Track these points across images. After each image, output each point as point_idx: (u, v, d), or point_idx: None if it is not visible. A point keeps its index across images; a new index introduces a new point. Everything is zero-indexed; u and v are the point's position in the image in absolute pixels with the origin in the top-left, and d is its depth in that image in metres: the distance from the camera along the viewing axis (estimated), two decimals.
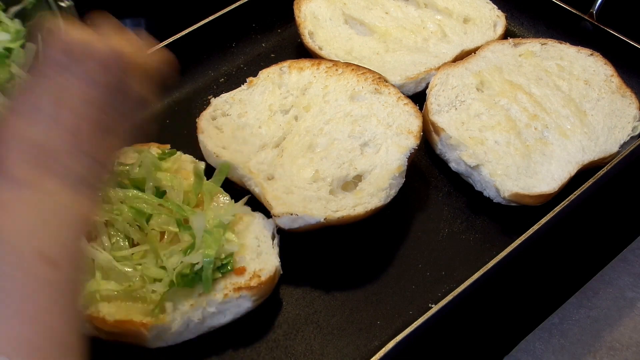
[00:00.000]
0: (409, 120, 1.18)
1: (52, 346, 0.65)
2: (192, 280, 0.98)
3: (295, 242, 1.09)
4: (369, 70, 1.25)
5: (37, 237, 0.68)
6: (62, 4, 1.02)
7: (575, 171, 1.15)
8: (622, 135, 1.20)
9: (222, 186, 1.09)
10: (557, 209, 1.09)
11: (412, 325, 0.97)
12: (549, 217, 1.08)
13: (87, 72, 0.76)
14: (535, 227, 1.07)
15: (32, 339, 0.64)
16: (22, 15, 1.11)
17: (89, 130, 0.75)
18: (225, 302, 0.99)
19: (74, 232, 0.71)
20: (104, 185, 0.78)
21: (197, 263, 0.98)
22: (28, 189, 0.70)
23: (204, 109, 1.23)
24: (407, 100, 1.20)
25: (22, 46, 1.10)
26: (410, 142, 1.15)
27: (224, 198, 1.09)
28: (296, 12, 1.39)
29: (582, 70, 1.29)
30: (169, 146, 1.15)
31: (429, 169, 1.22)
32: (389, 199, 1.10)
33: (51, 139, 0.73)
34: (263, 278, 1.01)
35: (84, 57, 0.76)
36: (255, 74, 1.27)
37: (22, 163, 0.71)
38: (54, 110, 0.74)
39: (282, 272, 1.05)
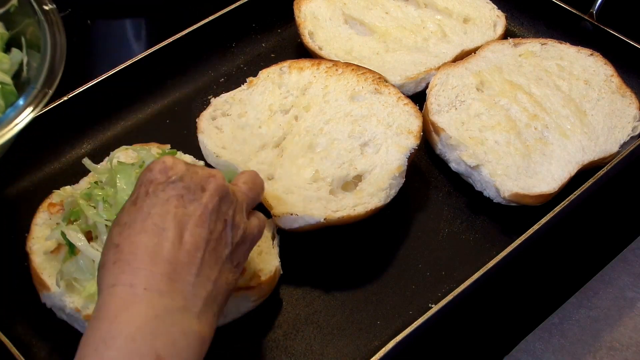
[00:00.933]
0: (409, 120, 1.18)
1: None
2: None
3: (295, 242, 1.09)
4: (369, 70, 1.25)
5: (157, 339, 0.71)
6: (46, 7, 1.01)
7: (575, 171, 1.15)
8: (622, 135, 1.20)
9: None
10: (557, 209, 1.09)
11: (412, 325, 0.97)
12: (549, 217, 1.08)
13: (199, 197, 0.80)
14: (535, 227, 1.07)
15: None
16: (5, 20, 1.09)
17: (210, 256, 0.79)
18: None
19: (190, 347, 0.74)
20: (220, 315, 0.82)
21: None
22: (155, 295, 0.74)
23: (204, 109, 1.23)
24: (407, 100, 1.20)
25: (6, 51, 1.07)
26: (410, 142, 1.15)
27: None
28: (296, 12, 1.39)
29: (582, 70, 1.29)
30: (169, 146, 1.15)
31: (429, 169, 1.22)
32: (389, 199, 1.10)
33: (179, 258, 0.77)
34: (263, 278, 1.01)
35: (193, 183, 0.81)
36: (255, 74, 1.27)
37: (150, 273, 0.75)
38: (179, 231, 0.78)
39: (282, 272, 1.05)
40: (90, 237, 0.97)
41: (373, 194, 1.09)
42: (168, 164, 0.81)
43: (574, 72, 1.28)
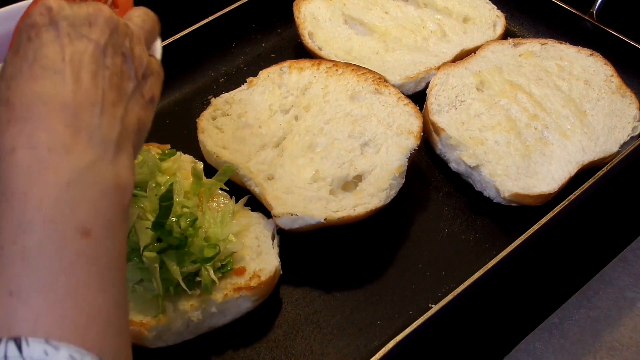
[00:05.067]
0: (409, 121, 1.18)
1: (95, 324, 0.62)
2: (192, 282, 0.98)
3: (295, 242, 1.09)
4: (369, 70, 1.25)
5: (78, 210, 0.64)
6: None
7: (575, 171, 1.15)
8: (622, 135, 1.20)
9: (222, 187, 1.09)
10: (557, 209, 1.09)
11: (412, 325, 0.97)
12: (549, 217, 1.08)
13: (87, 33, 0.72)
14: (535, 227, 1.07)
15: (75, 317, 0.61)
16: None
17: (112, 93, 0.72)
18: (225, 302, 0.99)
19: (112, 203, 0.68)
20: (135, 155, 0.75)
21: (197, 265, 0.98)
22: (61, 154, 0.66)
23: (204, 109, 1.23)
24: (407, 101, 1.20)
25: None
26: (411, 142, 1.15)
27: (224, 198, 1.09)
28: (295, 12, 1.39)
29: (582, 70, 1.29)
30: (169, 146, 1.15)
31: (429, 169, 1.22)
32: (389, 199, 1.10)
33: (78, 99, 0.69)
34: (263, 278, 1.01)
35: (79, 20, 0.73)
36: (255, 74, 1.27)
37: (51, 126, 0.67)
38: (72, 70, 0.70)
39: (282, 272, 1.05)
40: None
41: (373, 194, 1.09)
42: (47, 4, 0.72)
43: (574, 72, 1.28)
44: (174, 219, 0.98)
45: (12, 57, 0.71)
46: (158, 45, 0.87)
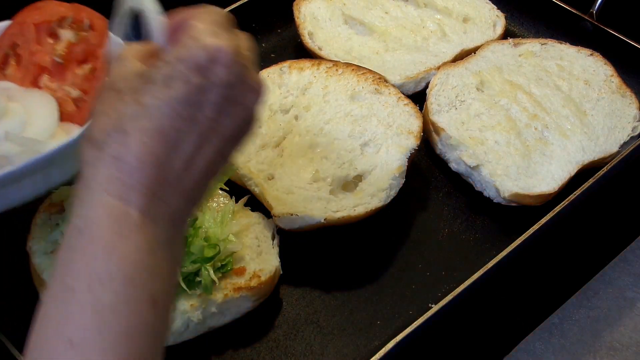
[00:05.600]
0: (409, 121, 1.18)
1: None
2: (192, 282, 0.98)
3: (295, 242, 1.09)
4: (369, 70, 1.25)
5: (153, 281, 0.63)
6: None
7: (575, 171, 1.15)
8: (622, 135, 1.20)
9: (222, 186, 1.09)
10: (557, 209, 1.09)
11: (412, 325, 0.97)
12: (549, 217, 1.08)
13: (233, 113, 0.67)
14: (535, 227, 1.07)
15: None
16: None
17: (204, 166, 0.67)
18: (225, 302, 0.99)
19: (173, 279, 0.67)
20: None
21: (197, 265, 0.98)
22: (151, 223, 0.63)
23: None
24: (407, 101, 1.20)
25: None
26: (411, 142, 1.15)
27: (224, 198, 1.09)
28: (295, 13, 1.39)
29: (582, 70, 1.29)
30: None
31: (429, 169, 1.22)
32: (389, 199, 1.10)
33: (184, 185, 0.66)
34: (263, 278, 1.01)
35: (238, 94, 0.67)
36: None
37: (151, 193, 0.63)
38: (198, 145, 0.66)
39: (282, 272, 1.05)
40: None
41: (373, 194, 1.09)
42: (229, 57, 0.65)
43: (574, 72, 1.28)
44: None
45: (162, 87, 0.65)
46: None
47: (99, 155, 0.63)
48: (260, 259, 1.04)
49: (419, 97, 1.26)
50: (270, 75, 1.26)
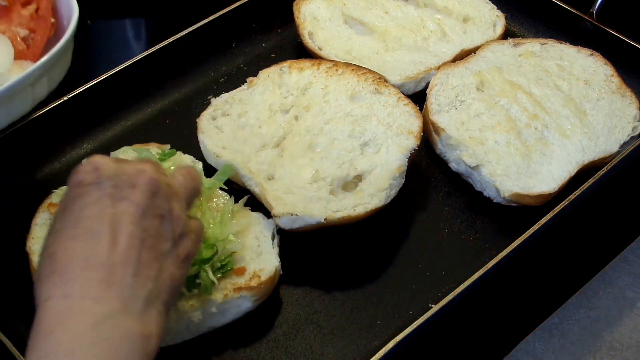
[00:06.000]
0: (409, 121, 1.18)
1: None
2: (192, 283, 0.98)
3: (295, 242, 1.09)
4: (369, 70, 1.25)
5: (97, 347, 0.69)
6: None
7: (575, 171, 1.15)
8: (622, 135, 1.20)
9: (222, 186, 1.09)
10: (557, 209, 1.09)
11: (412, 325, 0.97)
12: (549, 217, 1.08)
13: (129, 194, 0.78)
14: (535, 227, 1.07)
15: None
16: None
17: (147, 254, 0.77)
18: (225, 302, 0.99)
19: (133, 348, 0.72)
20: (167, 311, 0.80)
21: (195, 267, 0.97)
22: (90, 303, 0.72)
23: (204, 109, 1.23)
24: (407, 101, 1.20)
25: None
26: (411, 142, 1.15)
27: (224, 198, 1.09)
28: (295, 13, 1.39)
29: (582, 70, 1.29)
30: (169, 146, 1.15)
31: (429, 169, 1.22)
32: (389, 199, 1.10)
33: (113, 260, 0.75)
34: (263, 278, 1.01)
35: (122, 181, 0.79)
36: (255, 74, 1.27)
37: (85, 281, 0.73)
38: (110, 233, 0.76)
39: (282, 272, 1.05)
40: None
41: (373, 194, 1.09)
42: (95, 164, 0.79)
43: (574, 72, 1.28)
44: None
45: (62, 211, 0.78)
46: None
47: (38, 280, 0.75)
48: (260, 259, 1.04)
49: (419, 97, 1.26)
50: (270, 75, 1.26)
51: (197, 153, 1.18)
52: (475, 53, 1.32)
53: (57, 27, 1.26)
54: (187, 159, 1.15)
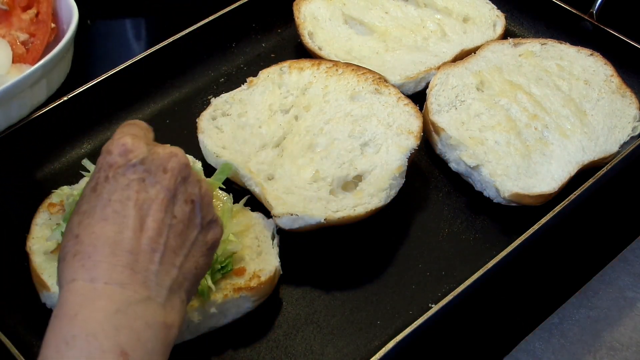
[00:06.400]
0: (409, 121, 1.18)
1: None
2: None
3: (295, 242, 1.09)
4: (369, 70, 1.25)
5: (120, 334, 0.69)
6: None
7: (575, 171, 1.15)
8: (622, 135, 1.20)
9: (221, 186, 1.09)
10: (557, 209, 1.09)
11: (412, 325, 0.97)
12: (549, 217, 1.08)
13: (160, 179, 0.77)
14: (535, 227, 1.07)
15: None
16: None
17: (175, 241, 0.77)
18: (225, 303, 0.99)
19: (155, 337, 0.72)
20: (188, 300, 0.80)
21: None
22: (116, 288, 0.72)
23: (204, 109, 1.23)
24: (407, 101, 1.20)
25: None
26: (411, 142, 1.15)
27: (224, 198, 1.09)
28: (295, 13, 1.39)
29: (582, 70, 1.29)
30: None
31: (429, 169, 1.22)
32: (389, 199, 1.10)
33: (141, 246, 0.74)
34: (263, 278, 1.01)
35: (154, 165, 0.77)
36: (255, 74, 1.27)
37: (111, 265, 0.73)
38: (139, 218, 0.75)
39: (282, 272, 1.05)
40: None
41: (373, 194, 1.09)
42: (128, 145, 0.77)
43: (574, 72, 1.28)
44: None
45: (90, 193, 0.77)
46: None
47: (63, 259, 0.75)
48: (260, 259, 1.04)
49: (419, 97, 1.26)
50: (270, 75, 1.26)
51: (197, 153, 1.18)
52: (475, 53, 1.32)
53: (57, 32, 1.26)
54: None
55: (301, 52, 1.38)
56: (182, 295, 0.77)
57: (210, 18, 1.38)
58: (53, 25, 1.25)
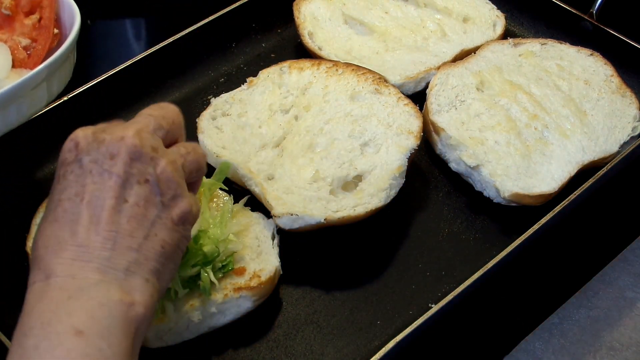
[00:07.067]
0: (409, 121, 1.18)
1: None
2: (193, 284, 0.98)
3: (295, 242, 1.09)
4: (369, 70, 1.25)
5: (73, 316, 0.71)
6: None
7: (575, 171, 1.15)
8: (622, 135, 1.20)
9: (221, 186, 1.09)
10: (557, 209, 1.09)
11: (412, 325, 0.97)
12: (549, 217, 1.08)
13: (109, 166, 0.77)
14: (535, 227, 1.07)
15: None
16: None
17: (129, 224, 0.77)
18: (225, 302, 0.99)
19: (111, 313, 0.73)
20: (162, 280, 0.80)
21: (196, 268, 0.97)
22: (67, 279, 0.74)
23: (204, 109, 1.23)
24: (407, 101, 1.20)
25: None
26: (411, 142, 1.15)
27: (224, 198, 1.09)
28: (295, 13, 1.39)
29: (582, 70, 1.29)
30: None
31: (429, 169, 1.22)
32: (389, 199, 1.10)
33: (91, 240, 0.75)
34: (263, 278, 1.01)
35: (102, 153, 0.78)
36: (255, 74, 1.27)
37: (62, 261, 0.74)
38: (89, 212, 0.76)
39: (282, 272, 1.05)
40: None
41: (373, 194, 1.09)
42: (75, 140, 0.78)
43: (574, 72, 1.28)
44: None
45: (51, 193, 0.79)
46: None
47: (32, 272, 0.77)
48: (260, 259, 1.04)
49: (419, 97, 1.26)
50: (270, 75, 1.26)
51: None
52: (475, 53, 1.32)
53: (60, 37, 1.26)
54: None
55: (301, 52, 1.38)
56: (145, 275, 0.77)
57: (210, 18, 1.38)
58: (56, 30, 1.25)
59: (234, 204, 1.08)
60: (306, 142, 1.17)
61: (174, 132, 0.86)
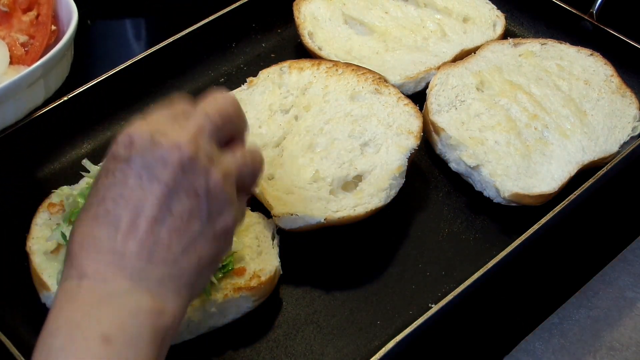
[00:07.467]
0: (409, 121, 1.18)
1: None
2: None
3: (295, 242, 1.09)
4: (369, 70, 1.25)
5: (102, 322, 0.70)
6: None
7: (575, 171, 1.15)
8: (622, 135, 1.20)
9: None
10: (557, 209, 1.09)
11: (412, 325, 0.97)
12: (549, 217, 1.08)
13: (158, 174, 0.74)
14: (535, 227, 1.07)
15: None
16: None
17: (169, 237, 0.74)
18: (225, 303, 0.99)
19: (141, 322, 0.72)
20: (192, 294, 0.78)
21: None
22: (99, 283, 0.73)
23: None
24: (407, 101, 1.20)
25: None
26: (411, 142, 1.15)
27: None
28: (295, 13, 1.39)
29: (582, 70, 1.29)
30: None
31: (429, 169, 1.22)
32: (389, 199, 1.10)
33: (128, 247, 0.73)
34: (263, 278, 1.01)
35: (155, 158, 0.74)
36: (255, 74, 1.27)
37: (97, 262, 0.73)
38: (130, 218, 0.73)
39: (282, 272, 1.05)
40: None
41: (373, 194, 1.09)
42: (131, 136, 0.75)
43: (574, 72, 1.28)
44: None
45: (93, 186, 0.77)
46: None
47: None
48: (260, 259, 1.04)
49: (419, 97, 1.26)
50: (270, 75, 1.26)
51: None
52: (475, 53, 1.32)
53: (58, 34, 1.27)
54: None
55: (301, 52, 1.38)
56: (178, 287, 0.75)
57: (210, 18, 1.38)
58: (54, 27, 1.25)
59: None
60: (306, 142, 1.17)
61: (231, 129, 0.82)
